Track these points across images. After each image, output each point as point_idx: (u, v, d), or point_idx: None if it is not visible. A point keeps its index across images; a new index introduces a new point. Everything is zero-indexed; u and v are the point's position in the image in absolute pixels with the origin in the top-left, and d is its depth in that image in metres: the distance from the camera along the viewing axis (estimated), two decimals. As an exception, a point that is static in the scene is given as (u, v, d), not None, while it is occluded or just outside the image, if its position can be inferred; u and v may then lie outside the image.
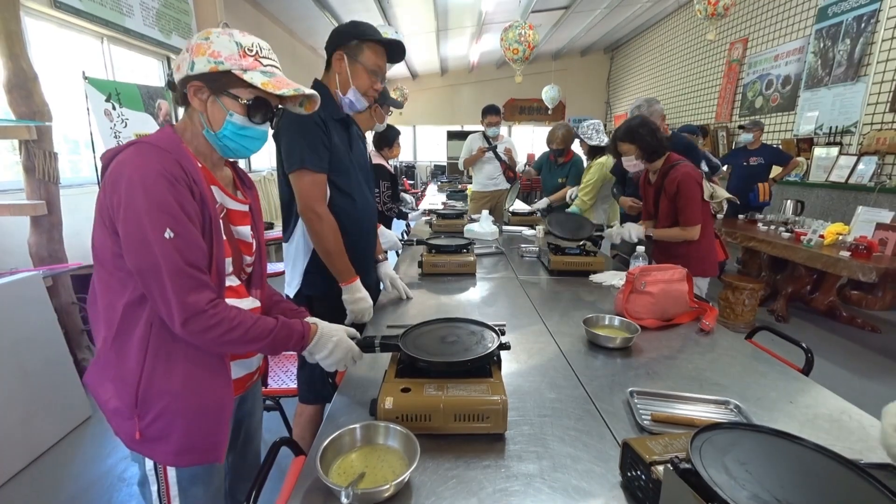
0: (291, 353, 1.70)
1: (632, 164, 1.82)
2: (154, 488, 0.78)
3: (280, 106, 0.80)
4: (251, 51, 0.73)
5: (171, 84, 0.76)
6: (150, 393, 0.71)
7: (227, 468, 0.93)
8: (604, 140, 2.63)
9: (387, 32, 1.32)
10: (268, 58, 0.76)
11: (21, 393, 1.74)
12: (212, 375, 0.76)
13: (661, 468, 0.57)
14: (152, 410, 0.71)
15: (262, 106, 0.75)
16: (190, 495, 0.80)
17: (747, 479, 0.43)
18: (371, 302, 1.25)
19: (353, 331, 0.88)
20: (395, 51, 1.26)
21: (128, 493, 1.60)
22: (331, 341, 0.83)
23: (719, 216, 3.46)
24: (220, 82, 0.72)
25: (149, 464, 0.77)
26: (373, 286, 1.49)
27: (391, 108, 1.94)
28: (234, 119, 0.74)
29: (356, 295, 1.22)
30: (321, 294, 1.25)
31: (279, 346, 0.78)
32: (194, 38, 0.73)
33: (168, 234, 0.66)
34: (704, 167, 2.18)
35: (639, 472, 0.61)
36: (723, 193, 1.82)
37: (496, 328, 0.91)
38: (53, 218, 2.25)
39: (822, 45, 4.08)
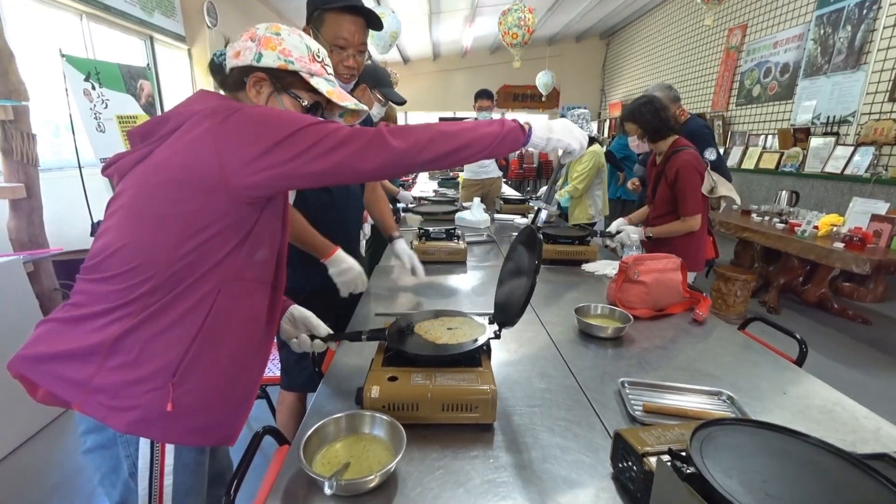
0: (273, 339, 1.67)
1: (635, 143, 1.81)
2: (144, 484, 0.71)
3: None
4: (318, 56, 0.75)
5: (218, 67, 0.75)
6: (197, 362, 0.65)
7: None
8: (591, 130, 2.64)
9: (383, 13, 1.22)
10: (329, 66, 0.78)
11: (1, 380, 1.70)
12: (254, 356, 0.73)
13: (653, 459, 0.55)
14: (191, 381, 0.65)
15: (316, 111, 0.76)
16: (179, 482, 0.75)
17: (755, 482, 0.41)
18: (360, 269, 1.18)
19: None
20: (370, 18, 1.11)
21: (114, 482, 1.59)
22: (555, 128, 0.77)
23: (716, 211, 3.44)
24: (286, 81, 0.73)
25: (143, 460, 0.68)
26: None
27: (389, 101, 1.66)
28: None
29: (342, 266, 1.16)
30: (293, 287, 1.21)
31: (507, 134, 0.71)
32: (260, 29, 0.73)
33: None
34: (711, 156, 2.13)
35: (630, 464, 0.60)
36: (723, 190, 1.77)
37: (488, 318, 0.89)
38: (33, 202, 2.18)
39: (822, 31, 4.03)
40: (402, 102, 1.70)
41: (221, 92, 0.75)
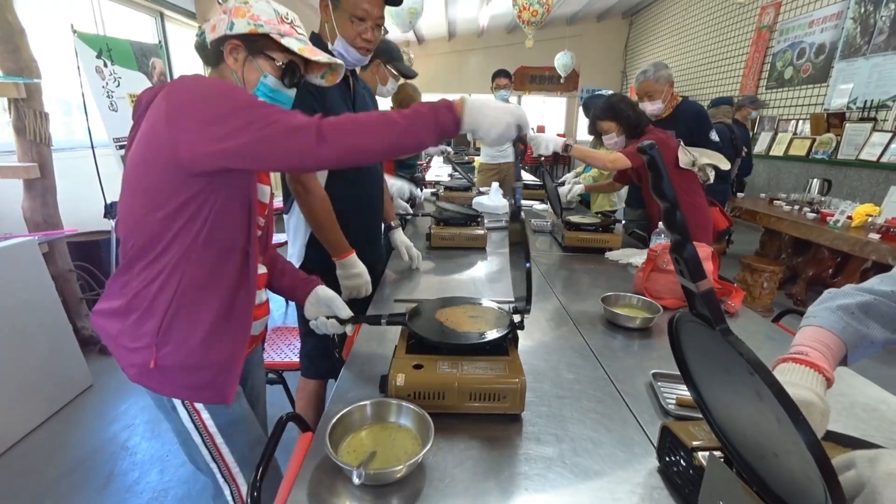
0: (296, 320, 1.65)
1: (612, 141, 1.77)
2: (198, 439, 0.78)
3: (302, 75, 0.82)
4: (287, 18, 0.78)
5: (200, 45, 0.79)
6: (173, 324, 0.71)
7: None
8: None
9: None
10: (300, 27, 0.80)
11: (20, 360, 1.72)
12: (227, 322, 0.75)
13: (702, 454, 0.53)
14: (171, 342, 0.72)
15: (294, 70, 0.79)
16: (235, 441, 0.80)
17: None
18: (368, 278, 1.18)
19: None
20: None
21: (131, 462, 1.60)
22: (490, 107, 0.68)
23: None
24: (258, 44, 0.76)
25: (183, 414, 0.76)
26: (379, 258, 1.43)
27: (399, 75, 1.66)
28: (267, 80, 0.77)
29: (351, 270, 1.16)
30: (323, 268, 1.19)
31: (429, 119, 0.65)
32: (231, 2, 0.76)
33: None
34: (714, 136, 2.04)
35: (678, 458, 0.57)
36: (705, 158, 1.68)
37: (511, 307, 0.85)
38: (47, 182, 2.18)
39: (862, 9, 3.77)
40: (413, 76, 1.72)
41: (207, 70, 0.79)
